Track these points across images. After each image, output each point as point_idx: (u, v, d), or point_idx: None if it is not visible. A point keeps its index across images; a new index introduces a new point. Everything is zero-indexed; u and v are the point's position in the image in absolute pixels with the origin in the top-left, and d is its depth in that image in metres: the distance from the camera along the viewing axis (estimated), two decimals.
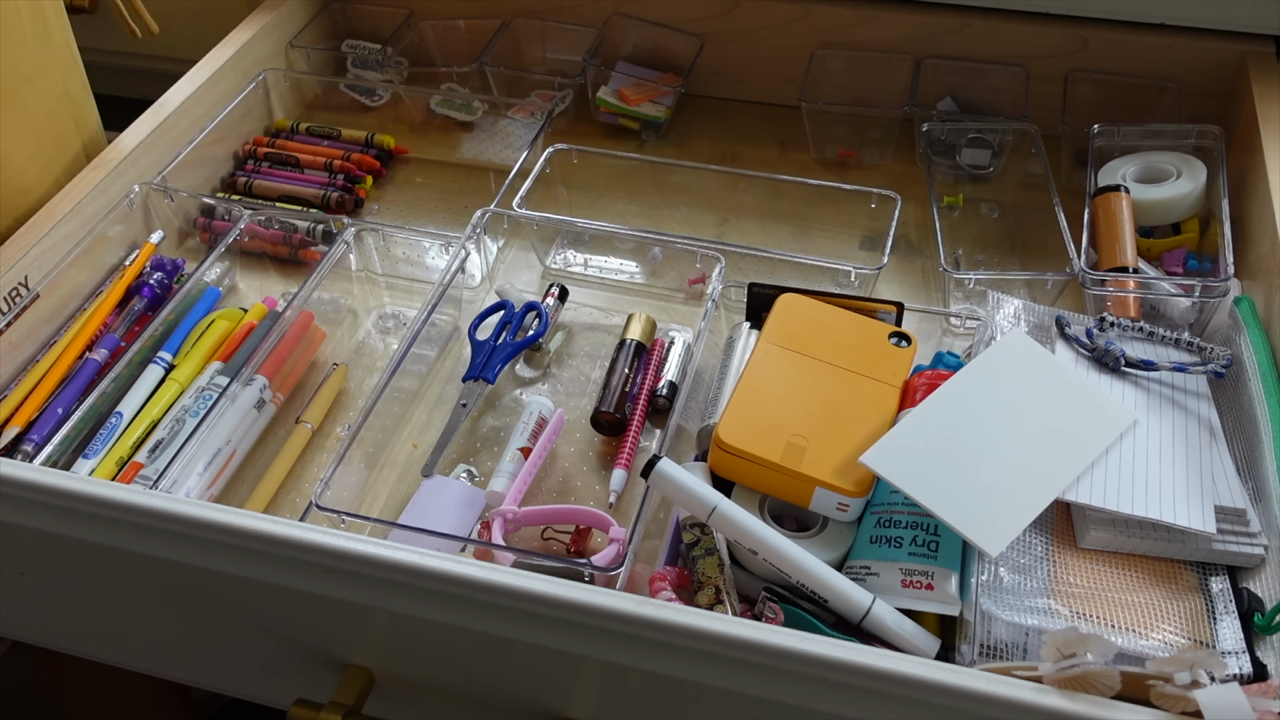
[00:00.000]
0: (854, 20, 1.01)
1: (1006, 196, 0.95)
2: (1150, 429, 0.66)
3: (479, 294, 0.88)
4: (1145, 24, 0.95)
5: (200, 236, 0.93)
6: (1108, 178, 0.87)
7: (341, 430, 0.78)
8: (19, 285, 0.78)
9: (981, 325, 0.75)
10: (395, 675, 0.62)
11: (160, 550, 0.57)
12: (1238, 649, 0.57)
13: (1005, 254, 0.90)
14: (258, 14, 1.06)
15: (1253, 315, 0.72)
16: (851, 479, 0.63)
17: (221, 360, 0.78)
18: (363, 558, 0.53)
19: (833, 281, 0.82)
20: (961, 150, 0.96)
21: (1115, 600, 0.59)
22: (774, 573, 0.61)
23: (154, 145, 0.91)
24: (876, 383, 0.70)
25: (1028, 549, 0.61)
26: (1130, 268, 0.79)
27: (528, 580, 0.51)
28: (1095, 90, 0.97)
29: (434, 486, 0.71)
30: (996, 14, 0.98)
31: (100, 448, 0.72)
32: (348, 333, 0.86)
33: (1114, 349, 0.70)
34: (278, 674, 0.70)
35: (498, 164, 1.01)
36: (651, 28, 1.06)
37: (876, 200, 0.89)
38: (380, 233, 0.87)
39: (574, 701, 0.59)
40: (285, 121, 1.04)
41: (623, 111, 1.02)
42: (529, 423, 0.74)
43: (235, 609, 0.62)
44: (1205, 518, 0.61)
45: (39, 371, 0.77)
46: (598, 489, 0.73)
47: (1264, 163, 0.80)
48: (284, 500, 0.73)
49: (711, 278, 0.82)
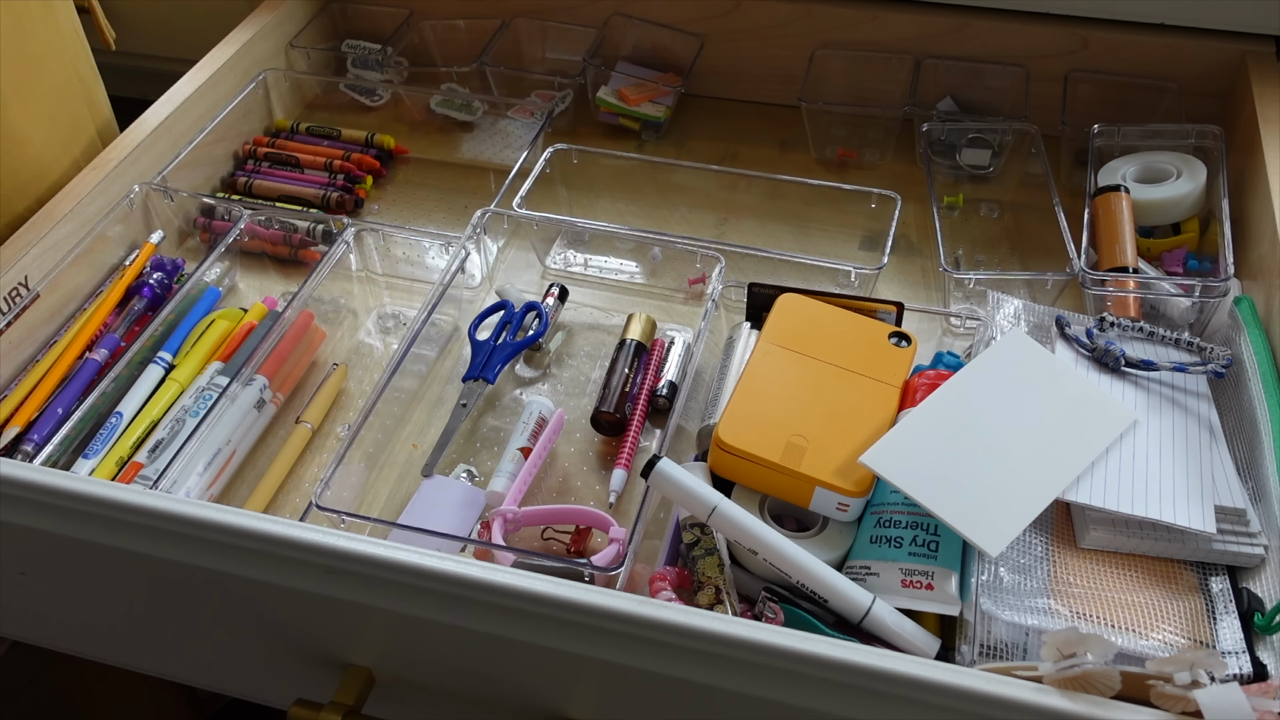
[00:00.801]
0: (854, 20, 1.01)
1: (1006, 196, 0.95)
2: (1150, 429, 0.66)
3: (479, 294, 0.88)
4: (1145, 24, 0.95)
5: (200, 236, 0.93)
6: (1108, 178, 0.87)
7: (341, 430, 0.78)
8: (19, 285, 0.78)
9: (981, 325, 0.75)
10: (395, 675, 0.62)
11: (160, 550, 0.57)
12: (1238, 649, 0.57)
13: (1005, 254, 0.90)
14: (258, 14, 1.06)
15: (1253, 315, 0.72)
16: (851, 479, 0.63)
17: (221, 360, 0.78)
18: (363, 558, 0.53)
19: (833, 281, 0.82)
20: (961, 150, 0.96)
21: (1115, 600, 0.59)
22: (774, 573, 0.61)
23: (154, 145, 0.91)
24: (876, 383, 0.70)
25: (1028, 549, 0.61)
26: (1130, 268, 0.79)
27: (528, 580, 0.51)
28: (1095, 90, 0.97)
29: (434, 486, 0.71)
30: (996, 14, 0.98)
31: (100, 448, 0.72)
32: (348, 333, 0.86)
33: (1114, 349, 0.70)
34: (278, 674, 0.70)
35: (498, 164, 1.01)
36: (651, 27, 1.06)
37: (876, 200, 0.89)
38: (380, 233, 0.87)
39: (574, 701, 0.59)
40: (285, 121, 1.04)
41: (623, 111, 1.02)
42: (529, 423, 0.74)
43: (235, 609, 0.62)
44: (1205, 518, 0.61)
45: (39, 371, 0.77)
46: (598, 489, 0.73)
47: (1264, 163, 0.80)
48: (284, 500, 0.73)
49: (711, 278, 0.82)
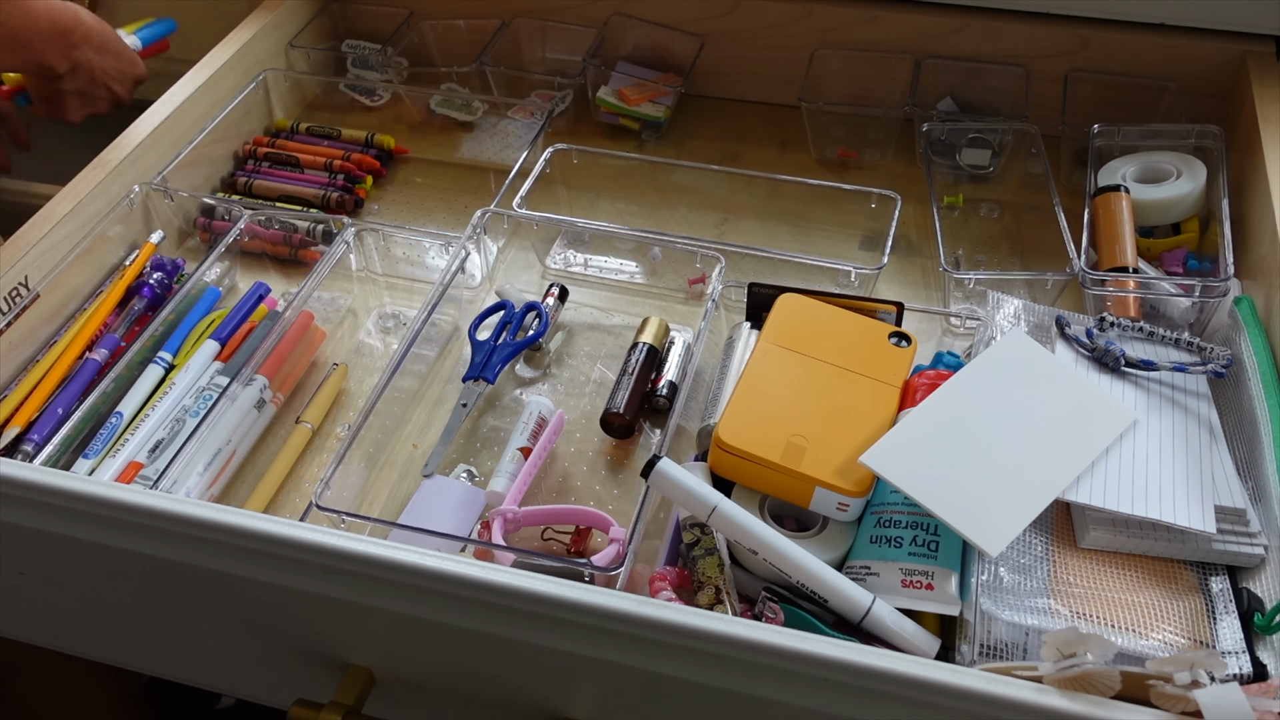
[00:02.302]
0: (854, 20, 1.01)
1: (1006, 196, 0.95)
2: (1150, 429, 0.66)
3: (479, 294, 0.88)
4: (1145, 24, 0.95)
5: (200, 236, 0.93)
6: (1108, 178, 0.87)
7: (341, 430, 0.78)
8: (19, 285, 0.78)
9: (981, 325, 0.75)
10: (395, 675, 0.62)
11: (160, 550, 0.57)
12: (1238, 649, 0.57)
13: (1005, 254, 0.90)
14: (258, 14, 1.06)
15: (1253, 315, 0.72)
16: (851, 479, 0.63)
17: (222, 360, 0.78)
18: (363, 558, 0.53)
19: (833, 282, 0.82)
20: (962, 150, 0.96)
21: (1115, 600, 0.59)
22: (774, 573, 0.61)
23: (154, 145, 0.91)
24: (876, 383, 0.70)
25: (1028, 549, 0.61)
26: (1130, 267, 0.79)
27: (528, 580, 0.51)
28: (1095, 90, 0.97)
29: (434, 486, 0.71)
30: (996, 14, 0.98)
31: (100, 448, 0.72)
32: (348, 333, 0.86)
33: (1114, 349, 0.70)
34: (278, 674, 0.70)
35: (498, 164, 1.01)
36: (652, 27, 1.06)
37: (876, 200, 0.89)
38: (380, 233, 0.87)
39: (574, 701, 0.59)
40: (285, 121, 1.04)
41: (623, 111, 1.02)
42: (529, 423, 0.74)
43: (235, 609, 0.62)
44: (1205, 518, 0.61)
45: (39, 371, 0.77)
46: (598, 489, 0.73)
47: (1264, 163, 0.80)
48: (284, 500, 0.73)
49: (711, 278, 0.82)
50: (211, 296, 0.84)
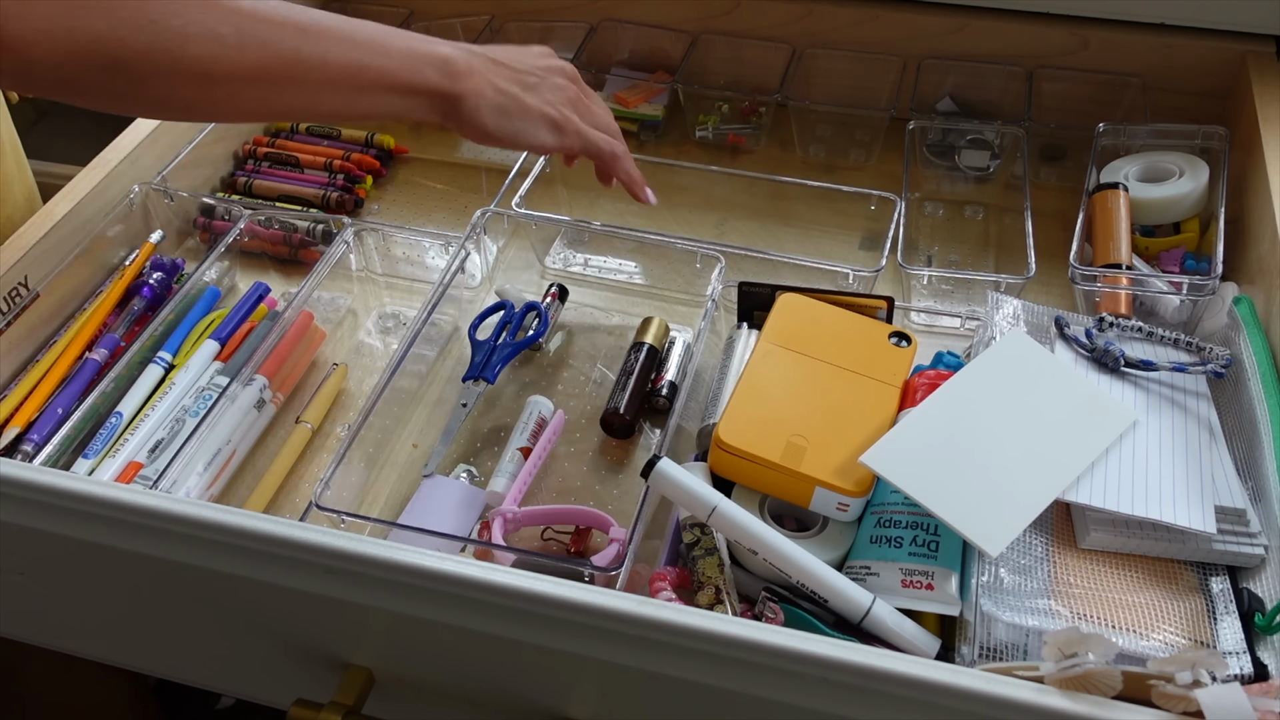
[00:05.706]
0: (854, 20, 1.01)
1: (993, 199, 0.95)
2: (1150, 429, 0.66)
3: (479, 294, 0.88)
4: (1145, 24, 0.95)
5: (200, 236, 0.93)
6: (1111, 176, 0.87)
7: (341, 430, 0.78)
8: (19, 285, 0.78)
9: (981, 325, 0.75)
10: (395, 675, 0.62)
11: (160, 550, 0.56)
12: (1238, 649, 0.57)
13: (978, 254, 0.90)
14: None
15: (1252, 315, 0.72)
16: (851, 479, 0.63)
17: (221, 360, 0.78)
18: (363, 558, 0.53)
19: (831, 283, 0.82)
20: (961, 152, 0.96)
21: (1116, 600, 0.59)
22: (774, 573, 0.61)
23: (154, 145, 0.91)
24: (876, 383, 0.70)
25: (1028, 549, 0.61)
26: (1122, 264, 0.79)
27: (528, 580, 0.51)
28: (1095, 90, 0.97)
29: (434, 486, 0.71)
30: (996, 14, 0.98)
31: (100, 448, 0.72)
32: (348, 333, 0.86)
33: (1113, 349, 0.70)
34: (278, 674, 0.70)
35: (498, 164, 1.01)
36: (647, 30, 1.06)
37: (876, 202, 0.89)
38: (380, 233, 0.87)
39: (574, 701, 0.59)
40: (285, 121, 1.04)
41: (620, 115, 1.02)
42: (529, 423, 0.74)
43: (235, 609, 0.62)
44: (1205, 518, 0.61)
45: (39, 371, 0.77)
46: (598, 489, 0.73)
47: (1264, 163, 0.80)
48: (284, 500, 0.73)
49: (711, 278, 0.82)
50: (211, 296, 0.84)
